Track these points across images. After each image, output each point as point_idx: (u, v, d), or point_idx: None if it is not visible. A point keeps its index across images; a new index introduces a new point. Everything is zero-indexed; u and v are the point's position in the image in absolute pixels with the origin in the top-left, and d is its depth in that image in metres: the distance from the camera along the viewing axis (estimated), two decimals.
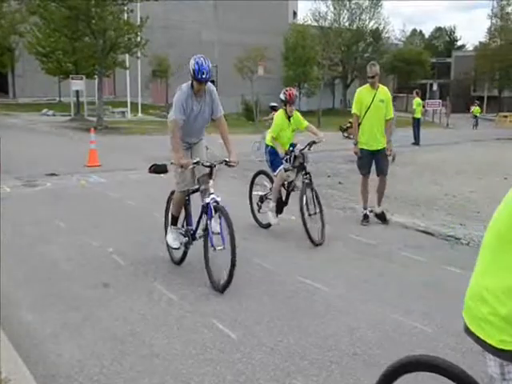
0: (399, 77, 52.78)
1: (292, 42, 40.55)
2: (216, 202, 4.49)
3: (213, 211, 4.48)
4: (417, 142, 19.14)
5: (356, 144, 6.91)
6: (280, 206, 6.52)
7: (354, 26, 48.23)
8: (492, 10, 53.49)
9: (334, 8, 48.46)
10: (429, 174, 11.61)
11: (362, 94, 6.90)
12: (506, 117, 37.65)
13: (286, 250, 5.76)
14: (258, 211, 6.69)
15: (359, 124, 6.85)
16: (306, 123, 6.54)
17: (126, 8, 23.82)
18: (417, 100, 19.58)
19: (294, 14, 50.76)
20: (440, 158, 15.26)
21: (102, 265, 5.14)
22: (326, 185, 9.61)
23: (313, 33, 42.68)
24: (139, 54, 25.26)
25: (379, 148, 6.81)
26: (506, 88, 51.20)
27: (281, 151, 6.18)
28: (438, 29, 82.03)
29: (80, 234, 6.19)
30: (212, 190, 4.57)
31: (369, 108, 6.74)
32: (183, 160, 4.58)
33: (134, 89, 30.84)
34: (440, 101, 36.10)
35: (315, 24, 47.08)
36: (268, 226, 6.53)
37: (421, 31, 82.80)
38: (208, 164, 4.63)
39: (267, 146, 6.51)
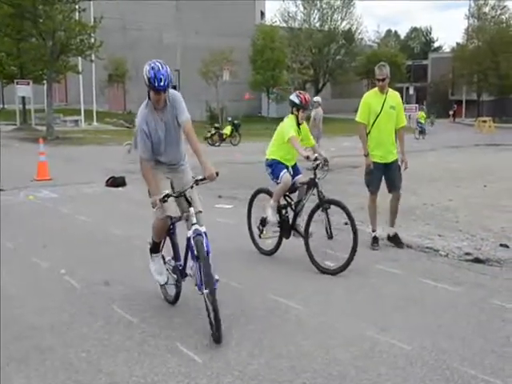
0: (374, 81, 53.87)
1: (260, 44, 40.99)
2: (199, 234, 4.08)
3: (194, 248, 4.06)
4: None
5: (367, 155, 6.53)
6: (286, 229, 6.08)
7: (326, 27, 49.16)
8: (469, 9, 55.65)
9: (304, 8, 49.37)
10: (405, 183, 11.83)
11: (369, 99, 6.55)
12: (485, 122, 38.83)
13: (259, 268, 5.80)
14: (259, 236, 6.23)
15: (367, 133, 6.56)
16: (314, 141, 6.26)
17: (77, 7, 23.68)
18: None
19: (262, 14, 51.46)
20: (417, 165, 15.60)
21: (54, 288, 5.07)
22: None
23: (282, 34, 43.32)
24: (93, 57, 25.11)
25: (391, 160, 6.56)
26: (484, 91, 52.94)
27: (304, 153, 5.63)
28: (414, 29, 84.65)
29: (29, 254, 6.09)
30: (194, 220, 4.15)
31: (378, 115, 6.42)
32: (152, 197, 4.18)
33: (88, 95, 30.52)
34: (417, 105, 37.12)
35: (284, 25, 47.85)
36: (271, 253, 6.15)
37: (396, 32, 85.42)
38: (176, 194, 4.25)
39: (266, 159, 6.15)
